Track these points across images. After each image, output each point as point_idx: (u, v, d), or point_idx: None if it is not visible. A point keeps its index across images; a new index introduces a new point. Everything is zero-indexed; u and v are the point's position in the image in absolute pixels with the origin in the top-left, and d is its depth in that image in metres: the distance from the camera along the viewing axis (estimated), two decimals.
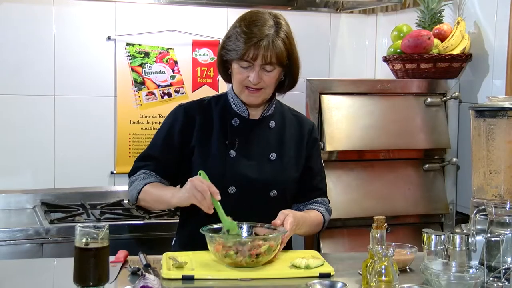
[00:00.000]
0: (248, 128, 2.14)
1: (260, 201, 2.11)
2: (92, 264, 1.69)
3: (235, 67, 2.06)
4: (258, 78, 2.04)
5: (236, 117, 2.14)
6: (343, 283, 1.76)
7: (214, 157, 2.11)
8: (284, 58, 2.04)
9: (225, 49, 2.08)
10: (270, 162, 2.13)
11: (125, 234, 2.78)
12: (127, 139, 3.33)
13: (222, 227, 1.96)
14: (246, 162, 2.11)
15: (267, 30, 2.02)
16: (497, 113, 2.14)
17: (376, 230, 1.83)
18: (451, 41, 2.91)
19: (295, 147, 2.18)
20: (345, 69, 3.66)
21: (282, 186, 2.13)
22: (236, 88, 2.11)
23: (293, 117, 2.23)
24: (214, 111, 2.16)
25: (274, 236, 1.91)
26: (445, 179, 2.96)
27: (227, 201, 2.02)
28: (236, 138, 2.12)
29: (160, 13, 3.36)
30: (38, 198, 3.15)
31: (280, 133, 2.18)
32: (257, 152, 2.13)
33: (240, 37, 2.02)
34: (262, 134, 2.15)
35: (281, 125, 2.19)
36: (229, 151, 2.11)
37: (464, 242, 1.94)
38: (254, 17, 2.06)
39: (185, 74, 3.40)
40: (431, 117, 2.92)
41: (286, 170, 2.14)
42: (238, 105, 2.15)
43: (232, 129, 2.14)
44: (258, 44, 2.00)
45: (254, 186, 2.10)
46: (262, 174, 2.11)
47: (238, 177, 2.09)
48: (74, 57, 3.24)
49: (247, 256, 1.86)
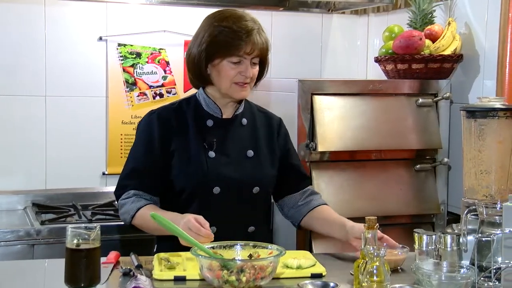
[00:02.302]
0: (223, 127, 2.17)
1: (244, 199, 2.14)
2: (84, 265, 1.69)
3: (224, 64, 2.08)
4: (251, 72, 2.08)
5: (209, 118, 2.17)
6: (335, 283, 1.76)
7: (195, 159, 2.11)
8: (268, 51, 2.13)
9: (209, 47, 2.08)
10: (248, 159, 2.17)
11: (116, 235, 2.77)
12: (118, 139, 3.33)
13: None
14: (226, 161, 2.13)
15: (251, 24, 2.08)
16: (488, 113, 2.15)
17: (368, 230, 1.83)
18: (442, 41, 2.92)
19: (267, 143, 2.22)
20: (336, 70, 3.66)
21: (263, 182, 2.17)
22: (224, 85, 2.11)
23: (261, 114, 2.28)
24: (186, 113, 2.17)
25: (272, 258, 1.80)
26: (437, 179, 2.97)
27: (213, 201, 2.06)
28: (213, 138, 2.14)
29: (151, 13, 3.35)
30: (29, 199, 3.13)
31: (253, 130, 2.22)
32: (235, 150, 2.16)
33: (232, 32, 2.05)
34: (236, 132, 2.18)
35: (252, 122, 2.23)
36: (208, 152, 2.13)
37: (455, 242, 1.94)
38: (233, 14, 2.11)
39: (177, 74, 3.40)
40: (423, 118, 2.93)
41: (264, 166, 2.19)
42: (210, 106, 2.17)
43: (208, 130, 2.15)
44: (252, 39, 2.05)
45: (237, 184, 2.12)
46: (243, 172, 2.14)
47: (221, 177, 2.11)
48: (65, 58, 3.23)
49: (251, 280, 1.76)
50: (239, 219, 2.13)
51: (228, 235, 1.96)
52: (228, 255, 1.87)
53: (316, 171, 2.78)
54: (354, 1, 3.43)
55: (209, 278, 1.76)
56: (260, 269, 1.75)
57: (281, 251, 1.83)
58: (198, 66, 2.13)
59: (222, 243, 1.91)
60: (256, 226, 2.19)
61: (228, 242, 1.92)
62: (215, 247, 1.88)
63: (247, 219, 2.16)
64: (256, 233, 2.18)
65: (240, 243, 1.92)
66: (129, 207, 2.11)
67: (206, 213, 2.01)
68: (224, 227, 2.08)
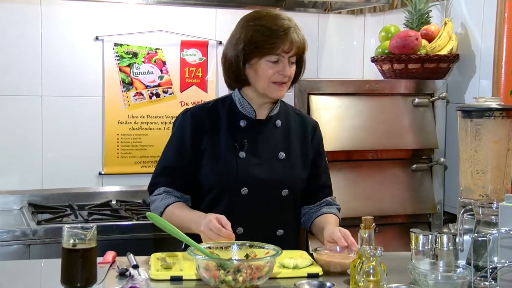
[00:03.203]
0: (256, 128, 2.16)
1: (272, 201, 2.13)
2: (80, 265, 1.68)
3: (262, 64, 2.07)
4: (289, 70, 2.08)
5: (243, 118, 2.16)
6: (331, 283, 1.76)
7: (225, 159, 2.12)
8: (306, 48, 2.12)
9: (246, 48, 2.06)
10: (279, 161, 2.15)
11: (113, 235, 2.76)
12: (115, 139, 3.32)
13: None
14: (256, 162, 2.13)
15: (288, 22, 2.08)
16: (484, 113, 2.15)
17: (364, 230, 1.83)
18: (438, 41, 2.92)
19: (300, 145, 2.21)
20: (333, 70, 3.67)
21: (292, 185, 2.15)
22: (262, 84, 2.10)
23: (296, 116, 2.26)
24: (220, 113, 2.17)
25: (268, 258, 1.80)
26: (433, 179, 2.97)
27: (240, 202, 2.08)
28: (244, 139, 2.14)
29: (148, 13, 3.35)
30: (25, 199, 3.13)
31: (286, 132, 2.20)
32: (266, 152, 2.15)
33: (269, 31, 2.04)
34: (269, 133, 2.17)
35: (286, 124, 2.21)
36: (239, 152, 2.12)
37: (451, 241, 1.95)
38: (269, 13, 2.11)
39: (173, 74, 3.40)
40: (419, 118, 2.93)
41: (295, 168, 2.17)
42: (244, 107, 2.16)
43: (240, 130, 2.15)
44: (290, 37, 2.05)
45: (266, 186, 2.11)
46: (272, 173, 2.13)
47: (249, 177, 2.10)
48: (62, 58, 3.23)
49: (248, 280, 1.76)
50: (267, 221, 2.12)
51: (256, 237, 1.94)
52: (225, 255, 1.87)
53: None
54: (351, 1, 3.43)
55: (206, 278, 1.76)
56: (257, 269, 1.75)
57: (278, 251, 1.83)
58: (235, 67, 2.11)
59: (219, 243, 1.91)
60: (285, 229, 2.17)
61: (225, 242, 1.92)
62: (211, 247, 1.88)
63: (275, 221, 2.14)
64: (285, 236, 2.17)
65: (237, 243, 1.92)
66: (159, 204, 2.12)
67: (233, 214, 2.03)
68: (251, 228, 2.08)
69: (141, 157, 3.35)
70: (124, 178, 3.34)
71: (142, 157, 3.35)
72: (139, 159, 3.35)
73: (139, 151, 3.35)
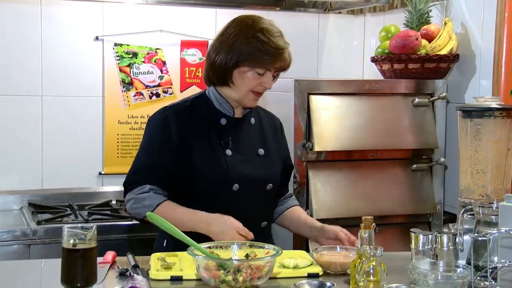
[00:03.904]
0: (235, 126, 2.21)
1: (259, 195, 2.21)
2: (80, 265, 1.68)
3: (250, 74, 2.12)
4: (271, 84, 2.17)
5: (222, 116, 2.19)
6: (332, 283, 1.76)
7: (215, 157, 2.15)
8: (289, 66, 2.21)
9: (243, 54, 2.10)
10: (259, 157, 2.23)
11: (113, 235, 2.77)
12: (115, 139, 3.32)
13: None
14: (241, 159, 2.18)
15: (282, 41, 2.14)
16: (484, 113, 2.15)
17: (364, 230, 1.83)
18: (438, 41, 2.92)
19: (274, 141, 2.30)
20: (333, 70, 3.67)
21: (274, 179, 2.25)
22: (241, 92, 2.15)
23: (264, 114, 2.34)
24: (199, 112, 2.19)
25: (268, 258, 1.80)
26: (433, 179, 2.97)
27: (232, 197, 2.14)
28: (228, 137, 2.18)
29: (148, 13, 3.35)
30: (25, 199, 3.13)
31: (261, 129, 2.28)
32: (247, 149, 2.21)
33: (268, 48, 2.09)
34: (246, 131, 2.24)
35: (258, 121, 2.29)
36: (225, 150, 2.16)
37: (451, 241, 1.95)
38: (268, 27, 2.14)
39: (173, 74, 3.40)
40: (419, 117, 2.93)
41: (274, 163, 2.27)
42: (223, 105, 2.20)
43: (222, 129, 2.18)
44: (283, 56, 2.13)
45: (253, 181, 2.19)
46: (256, 169, 2.20)
47: (239, 174, 2.16)
48: (61, 57, 3.23)
49: (248, 280, 1.76)
50: (254, 215, 2.19)
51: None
52: (225, 255, 1.87)
53: (313, 171, 2.78)
54: (351, 1, 3.43)
55: (206, 278, 1.76)
56: (257, 269, 1.75)
57: (278, 251, 1.83)
58: (224, 69, 2.14)
59: (219, 243, 1.91)
60: (268, 221, 2.28)
61: (225, 242, 1.92)
62: (211, 247, 1.88)
63: (261, 214, 2.24)
64: (267, 228, 2.28)
65: (237, 243, 1.92)
66: (148, 203, 2.10)
67: (226, 209, 2.09)
68: (242, 222, 2.11)
69: None
70: (124, 178, 3.33)
71: None
72: None
73: None
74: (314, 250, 2.04)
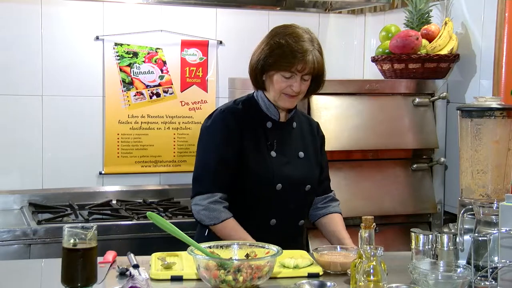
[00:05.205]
0: (279, 129, 2.32)
1: (299, 195, 2.32)
2: (80, 265, 1.68)
3: (276, 77, 2.22)
4: (300, 87, 2.22)
5: (268, 120, 2.30)
6: (332, 283, 1.76)
7: (263, 158, 2.27)
8: (322, 69, 2.27)
9: (267, 59, 2.22)
10: (299, 159, 2.33)
11: (113, 234, 2.77)
12: (115, 139, 3.32)
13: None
14: (283, 161, 2.29)
15: (308, 45, 2.21)
16: (484, 113, 2.15)
17: (365, 230, 1.83)
18: (439, 41, 2.92)
19: (312, 144, 2.40)
20: (333, 69, 3.65)
21: (312, 181, 2.36)
22: (273, 94, 2.26)
23: (304, 118, 2.45)
24: (249, 114, 2.30)
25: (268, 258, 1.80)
26: (433, 179, 2.97)
27: (275, 197, 2.26)
28: (273, 139, 2.29)
29: (148, 13, 3.35)
30: (25, 199, 3.13)
31: (301, 133, 2.39)
32: (289, 151, 2.32)
33: (288, 51, 2.18)
34: (289, 134, 2.35)
35: (299, 125, 2.39)
36: (270, 151, 2.28)
37: (451, 241, 1.95)
38: (295, 32, 2.23)
39: (173, 74, 3.40)
40: (419, 117, 2.93)
41: (312, 166, 2.37)
42: (270, 109, 2.31)
43: (268, 131, 2.29)
44: (306, 59, 2.19)
45: (294, 182, 2.29)
46: (297, 171, 2.31)
47: (282, 175, 2.27)
48: (62, 57, 3.23)
49: (248, 280, 1.76)
50: (294, 214, 2.32)
51: (285, 228, 2.26)
52: (225, 254, 1.87)
53: None
54: (351, 1, 3.43)
55: (206, 277, 1.76)
56: (257, 268, 1.75)
57: (278, 251, 1.83)
58: (255, 73, 2.27)
59: (219, 243, 1.91)
60: (304, 220, 2.38)
61: (225, 242, 1.92)
62: (212, 246, 1.88)
63: (300, 213, 2.34)
64: (303, 226, 2.39)
65: (237, 242, 1.92)
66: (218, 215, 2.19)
67: (269, 207, 2.25)
68: (282, 220, 2.27)
69: (142, 156, 3.35)
70: (125, 177, 3.35)
71: (143, 157, 3.35)
72: (139, 158, 3.35)
73: (140, 150, 3.35)
74: (314, 250, 2.04)
